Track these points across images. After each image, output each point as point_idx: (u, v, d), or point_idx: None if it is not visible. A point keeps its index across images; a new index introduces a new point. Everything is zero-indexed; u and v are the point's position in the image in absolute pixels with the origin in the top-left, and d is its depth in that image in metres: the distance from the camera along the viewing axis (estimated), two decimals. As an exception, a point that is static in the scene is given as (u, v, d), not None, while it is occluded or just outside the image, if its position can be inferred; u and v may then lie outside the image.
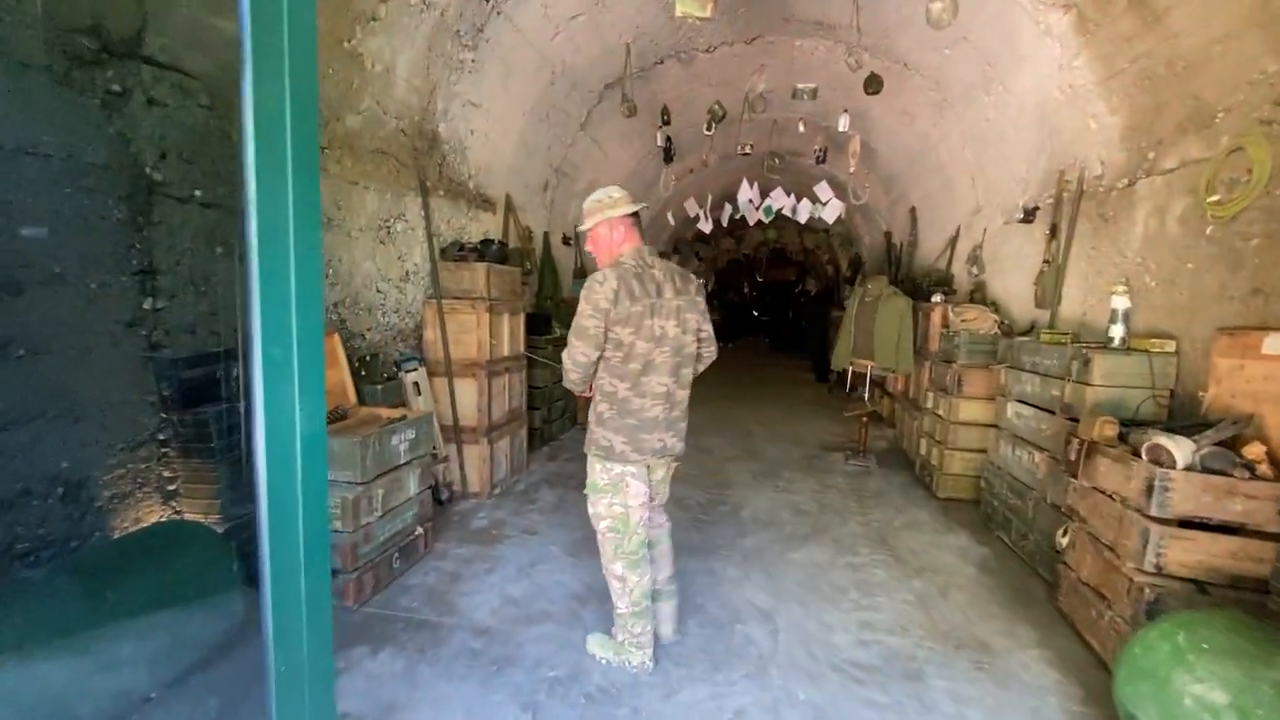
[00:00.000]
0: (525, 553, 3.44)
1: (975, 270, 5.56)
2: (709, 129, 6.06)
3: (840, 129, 5.82)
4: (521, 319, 4.86)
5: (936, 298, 5.46)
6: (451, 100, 4.35)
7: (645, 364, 2.20)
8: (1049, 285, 4.16)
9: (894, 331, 5.06)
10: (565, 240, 7.00)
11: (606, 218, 2.23)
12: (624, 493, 2.29)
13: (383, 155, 3.83)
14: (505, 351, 4.52)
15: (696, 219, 8.39)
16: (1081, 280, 3.93)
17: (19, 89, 1.95)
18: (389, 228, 3.95)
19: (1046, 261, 4.20)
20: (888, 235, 8.61)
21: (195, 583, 2.16)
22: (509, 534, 3.69)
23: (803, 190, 7.70)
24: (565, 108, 5.65)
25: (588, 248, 2.32)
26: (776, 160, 6.89)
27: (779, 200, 7.74)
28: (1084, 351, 3.04)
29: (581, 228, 2.32)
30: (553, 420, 5.84)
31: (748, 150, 6.30)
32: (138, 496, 2.42)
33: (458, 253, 4.32)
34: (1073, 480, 2.79)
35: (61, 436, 2.14)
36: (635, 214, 2.28)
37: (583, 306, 2.15)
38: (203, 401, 2.53)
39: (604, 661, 2.43)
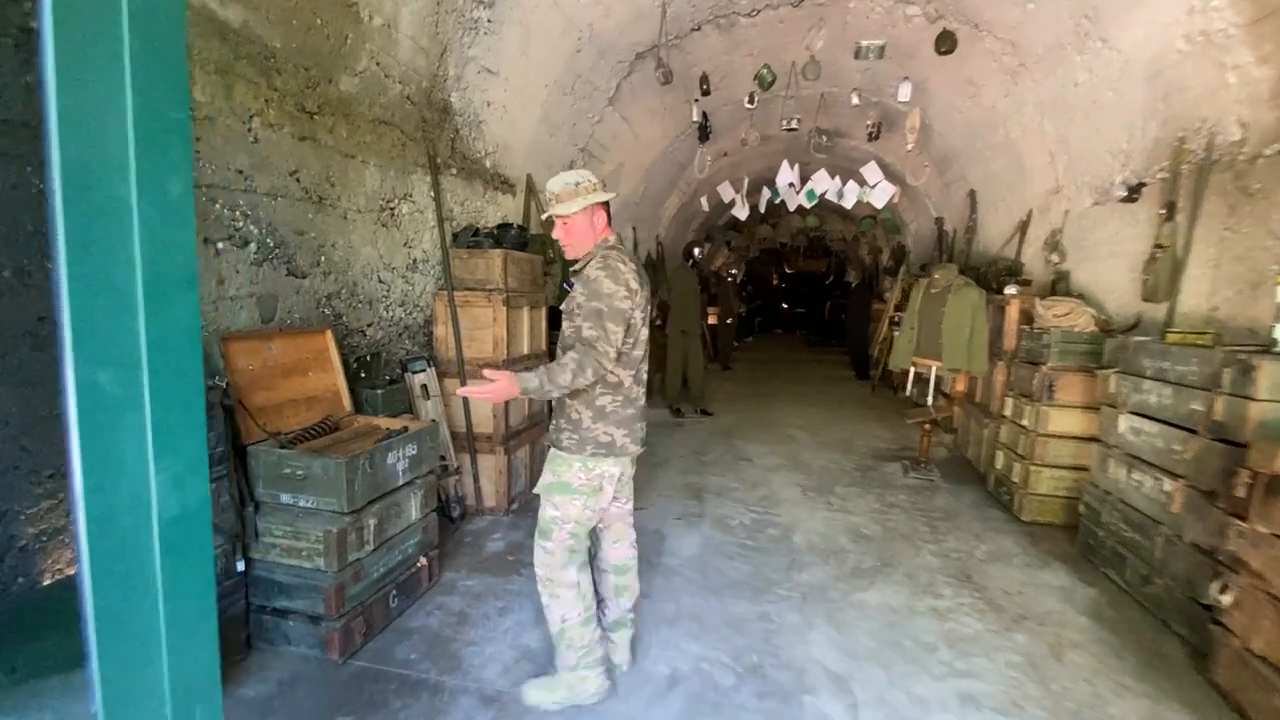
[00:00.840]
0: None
1: (1055, 258, 4.89)
2: (751, 102, 5.47)
3: (899, 100, 5.19)
4: (543, 313, 4.36)
5: (1011, 289, 4.82)
6: (465, 66, 3.85)
7: (644, 351, 2.15)
8: (1162, 275, 3.51)
9: (965, 327, 4.44)
10: (591, 227, 6.48)
11: (589, 203, 2.04)
12: (598, 495, 2.10)
13: (385, 126, 3.35)
14: (525, 349, 4.03)
15: (732, 204, 7.82)
16: (1210, 268, 3.27)
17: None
18: (392, 209, 3.47)
19: (1159, 246, 3.55)
20: (939, 221, 7.91)
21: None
22: (526, 560, 3.18)
23: (849, 172, 7.07)
24: (592, 79, 5.12)
25: (557, 235, 2.10)
26: (823, 138, 6.27)
27: (821, 183, 7.12)
28: (1242, 356, 2.42)
29: (558, 212, 2.05)
30: (577, 423, 5.34)
31: (794, 125, 5.69)
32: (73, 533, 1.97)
33: (472, 238, 3.82)
34: (1239, 523, 2.19)
35: (-39, 464, 1.69)
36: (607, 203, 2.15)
37: (611, 288, 1.95)
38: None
39: (554, 707, 2.12)
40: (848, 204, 7.19)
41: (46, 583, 1.89)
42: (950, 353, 4.51)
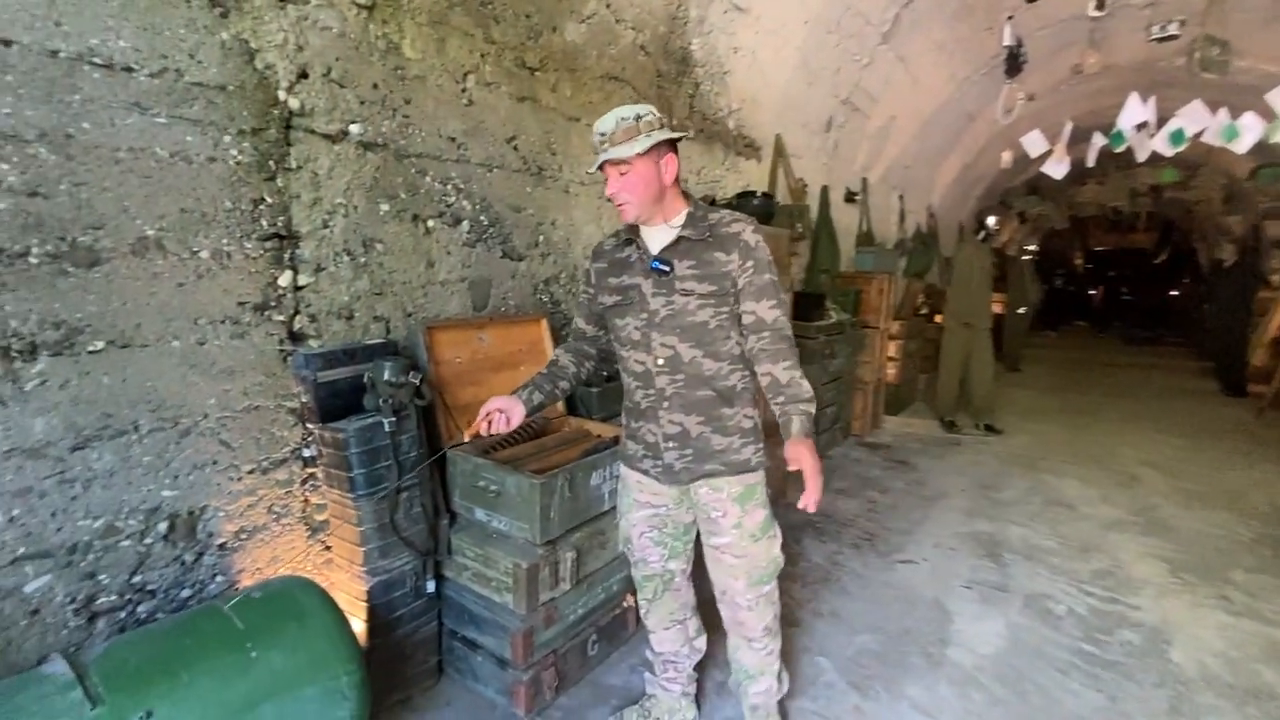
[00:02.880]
0: (791, 667, 2.22)
1: None
2: (1100, 7, 3.89)
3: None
4: (788, 298, 3.58)
5: None
6: (709, 5, 3.22)
7: None
8: None
9: None
10: (849, 196, 5.44)
11: (655, 142, 1.45)
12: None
13: (615, 82, 2.89)
14: (764, 344, 3.31)
15: (1042, 158, 5.99)
16: None
17: (77, -33, 1.36)
18: (619, 179, 3.01)
19: None
20: None
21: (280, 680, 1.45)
22: (756, 615, 2.51)
23: (1240, 105, 4.82)
24: (864, 10, 4.10)
25: (611, 191, 1.51)
26: (1215, 49, 4.28)
27: (1195, 119, 4.98)
28: None
29: (613, 155, 1.44)
30: (820, 431, 4.47)
31: (1171, 32, 3.93)
32: (273, 531, 1.85)
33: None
34: None
35: (162, 456, 1.60)
36: None
37: (771, 262, 1.57)
38: (348, 412, 1.86)
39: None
40: (1241, 145, 4.93)
41: (245, 583, 1.78)
42: None
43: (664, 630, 1.85)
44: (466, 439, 1.70)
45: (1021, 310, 8.37)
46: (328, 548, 1.97)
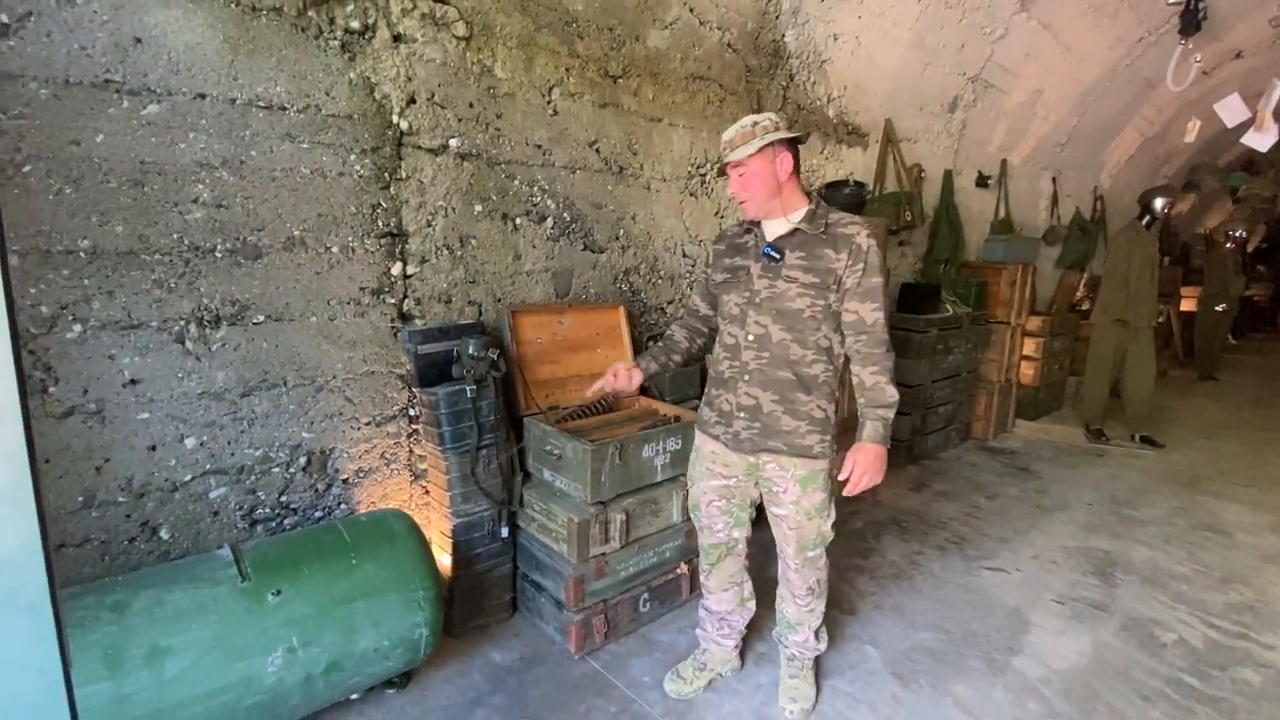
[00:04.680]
0: (834, 652, 2.28)
1: None
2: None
3: None
4: (892, 290, 3.48)
5: None
6: (804, -5, 3.24)
7: None
8: None
9: None
10: (981, 180, 5.04)
11: (767, 142, 1.63)
12: None
13: (699, 82, 3.04)
14: (852, 336, 3.27)
15: (1243, 126, 5.05)
16: None
17: (248, 36, 1.82)
18: (703, 176, 3.16)
19: None
20: None
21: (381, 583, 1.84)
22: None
23: None
24: (991, -22, 3.82)
25: (733, 190, 1.73)
26: None
27: None
28: None
29: (730, 158, 1.67)
30: (929, 431, 4.25)
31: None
32: (384, 473, 2.29)
33: (794, 201, 3.24)
34: None
35: (303, 406, 2.07)
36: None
37: (882, 267, 1.70)
38: (441, 380, 2.23)
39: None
40: None
41: (362, 513, 2.22)
42: None
43: (723, 591, 2.03)
44: (589, 396, 2.02)
45: (1220, 308, 7.09)
46: (426, 491, 2.38)
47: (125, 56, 1.63)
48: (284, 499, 2.06)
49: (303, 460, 2.08)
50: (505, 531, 2.33)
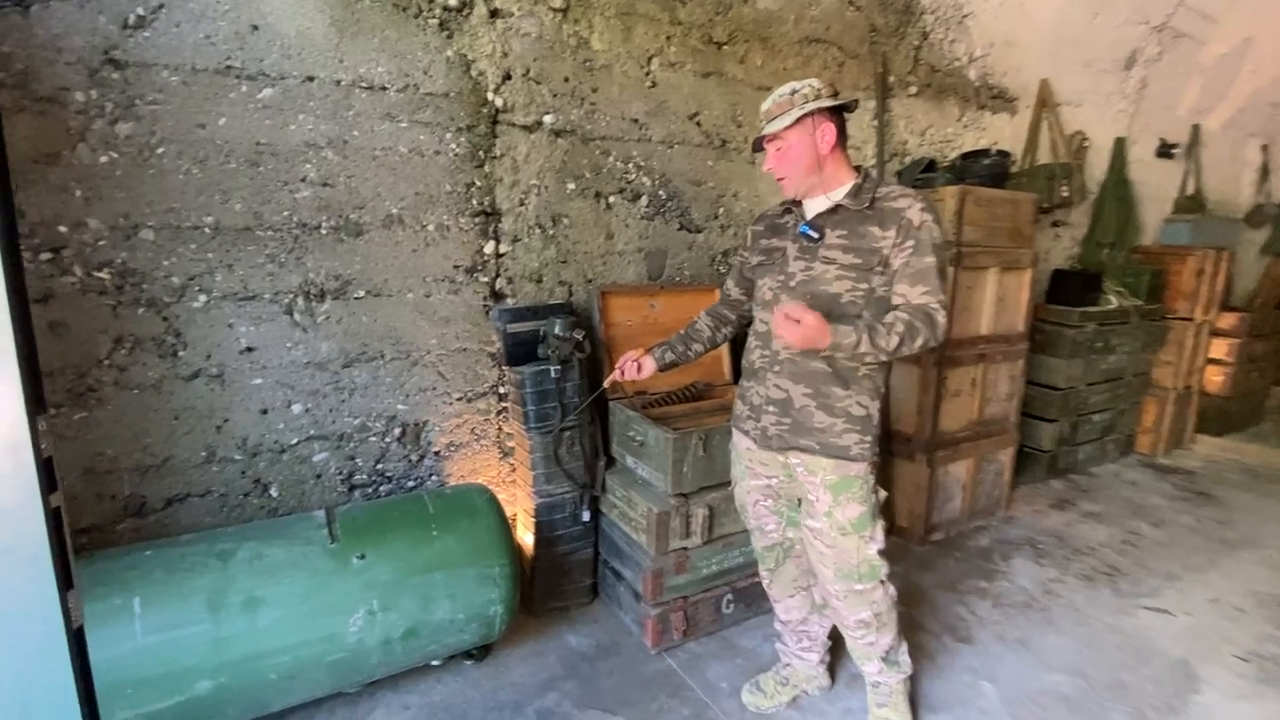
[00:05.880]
0: (942, 684, 2.02)
1: None
2: None
3: None
4: (1029, 276, 3.03)
5: None
6: (942, -59, 2.86)
7: None
8: None
9: None
10: (1164, 150, 4.25)
11: (806, 111, 1.43)
12: None
13: (816, 45, 2.78)
14: (984, 326, 2.88)
15: None
16: None
17: (352, 18, 1.87)
18: (815, 147, 2.90)
19: None
20: None
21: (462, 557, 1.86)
22: (932, 628, 2.28)
23: None
24: (1189, -99, 3.16)
25: (768, 166, 1.55)
26: None
27: None
28: None
29: (767, 130, 1.50)
30: (1079, 442, 3.68)
31: None
32: (474, 449, 2.33)
33: (920, 174, 2.90)
34: None
35: (399, 379, 2.14)
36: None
37: (941, 235, 1.47)
38: (529, 360, 2.22)
39: None
40: None
41: (453, 484, 2.28)
42: None
43: (788, 598, 1.85)
44: (605, 386, 1.92)
45: None
46: (513, 469, 2.40)
47: (244, 43, 1.74)
48: (380, 467, 2.16)
49: (397, 431, 2.16)
50: (586, 515, 2.29)
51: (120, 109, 1.63)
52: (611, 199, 2.43)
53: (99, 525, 1.76)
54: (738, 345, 2.16)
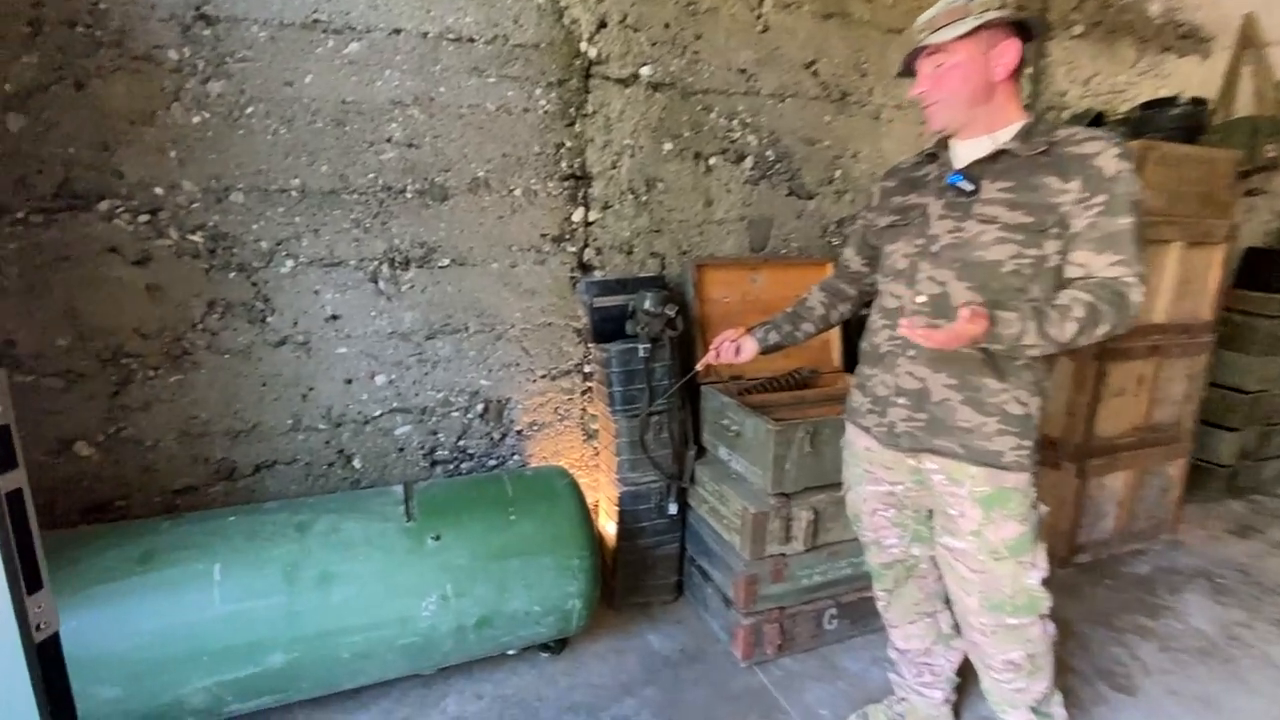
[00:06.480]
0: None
1: None
2: None
3: None
4: (1221, 254, 2.48)
5: None
6: None
7: None
8: None
9: None
10: None
11: (990, 19, 1.12)
12: None
13: (959, -22, 2.36)
14: (1160, 313, 2.39)
15: None
16: None
17: (440, -37, 1.74)
18: (952, 100, 2.49)
19: None
20: None
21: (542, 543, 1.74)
22: (1083, 670, 1.92)
23: None
24: None
25: (920, 88, 1.22)
26: None
27: None
28: None
29: (929, 40, 1.17)
30: (1265, 457, 3.04)
31: None
32: (557, 429, 2.20)
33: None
34: None
35: (482, 353, 2.04)
36: None
37: (1138, 203, 1.11)
38: (617, 336, 2.05)
39: None
40: None
41: (534, 465, 2.17)
42: None
43: (908, 624, 1.57)
44: (699, 368, 1.72)
45: None
46: (596, 453, 2.25)
47: (330, -6, 1.66)
48: (462, 443, 2.07)
49: (480, 407, 2.07)
50: (674, 508, 2.11)
51: (212, 66, 1.59)
52: (712, 160, 2.19)
53: (194, 486, 1.78)
54: (850, 329, 1.88)
